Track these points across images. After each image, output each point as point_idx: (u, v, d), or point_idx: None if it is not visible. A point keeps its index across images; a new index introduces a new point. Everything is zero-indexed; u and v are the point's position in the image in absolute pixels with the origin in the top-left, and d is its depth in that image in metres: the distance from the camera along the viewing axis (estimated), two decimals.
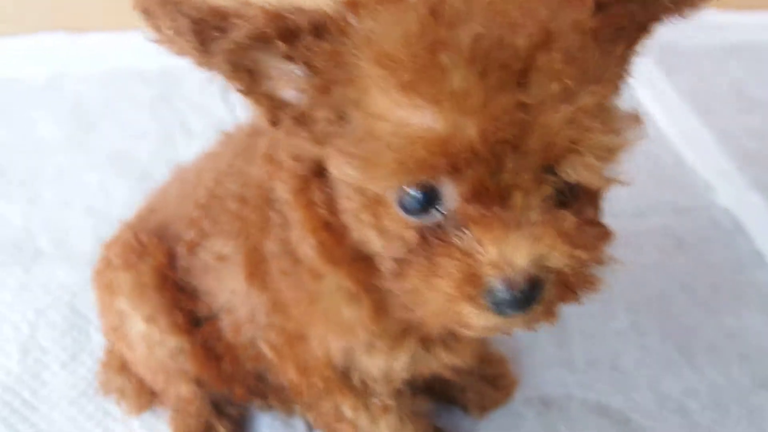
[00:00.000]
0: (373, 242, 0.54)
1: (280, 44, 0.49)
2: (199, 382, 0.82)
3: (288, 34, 0.49)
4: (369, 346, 0.66)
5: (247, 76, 0.51)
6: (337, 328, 0.65)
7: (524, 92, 0.45)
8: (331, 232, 0.58)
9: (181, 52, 0.49)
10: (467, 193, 0.48)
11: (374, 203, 0.52)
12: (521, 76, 0.45)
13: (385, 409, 0.76)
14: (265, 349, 0.75)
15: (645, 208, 1.23)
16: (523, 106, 0.45)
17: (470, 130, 0.45)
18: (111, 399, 0.90)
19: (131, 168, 0.88)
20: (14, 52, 1.40)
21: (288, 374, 0.74)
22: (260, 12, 0.48)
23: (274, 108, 0.53)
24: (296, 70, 0.51)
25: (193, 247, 0.77)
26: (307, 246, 0.61)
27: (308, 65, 0.50)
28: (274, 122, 0.54)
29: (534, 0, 0.48)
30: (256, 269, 0.70)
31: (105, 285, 0.80)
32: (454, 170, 0.47)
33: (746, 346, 1.04)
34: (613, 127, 0.47)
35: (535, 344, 1.02)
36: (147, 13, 0.47)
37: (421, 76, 0.45)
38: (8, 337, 0.98)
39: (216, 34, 0.47)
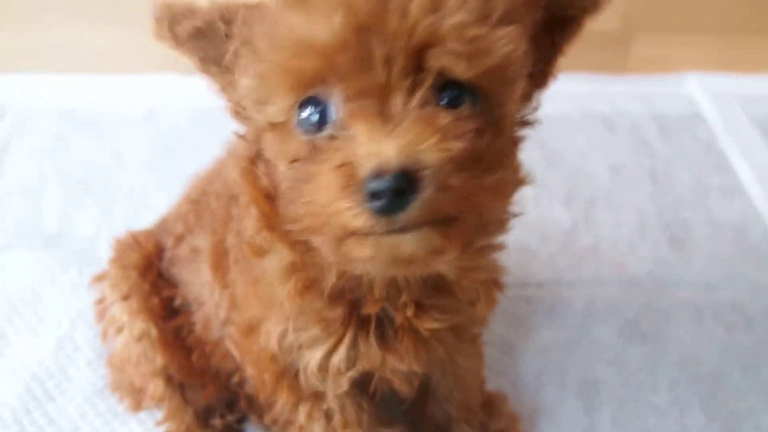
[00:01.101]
0: (282, 174, 0.56)
1: (221, 25, 0.59)
2: (169, 379, 0.84)
3: (227, 19, 0.59)
4: (302, 331, 0.66)
5: (214, 66, 0.62)
6: (271, 307, 0.66)
7: None
8: (271, 202, 0.60)
9: (159, 37, 0.61)
10: (349, 94, 0.50)
11: (281, 131, 0.55)
12: None
13: (346, 424, 0.74)
14: (229, 346, 0.77)
15: (717, 280, 1.14)
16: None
17: (337, 23, 0.48)
18: (115, 397, 0.93)
19: None
20: (125, 86, 1.53)
21: (248, 369, 0.75)
22: (210, 7, 0.61)
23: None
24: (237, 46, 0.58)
25: (179, 240, 0.83)
26: (249, 218, 0.63)
27: (244, 41, 0.57)
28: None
29: None
30: (219, 263, 0.74)
31: (96, 278, 0.86)
32: (336, 73, 0.49)
33: None
34: (482, 23, 0.49)
35: (559, 407, 0.96)
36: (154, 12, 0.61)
37: None
38: (50, 330, 1.04)
39: (181, 20, 0.60)
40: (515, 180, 0.61)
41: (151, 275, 0.85)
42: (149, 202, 1.24)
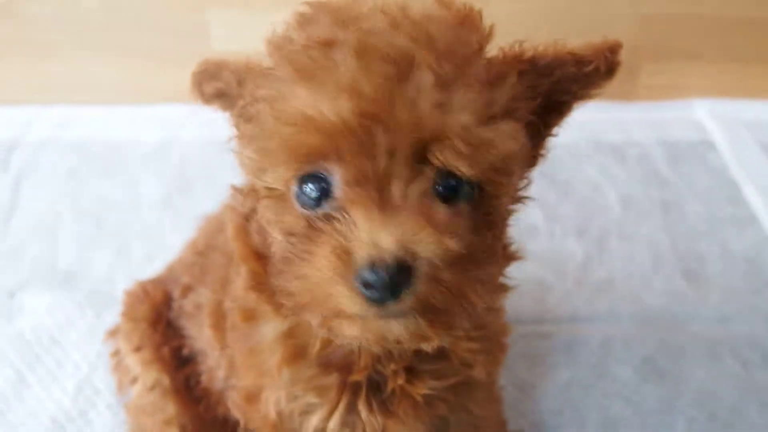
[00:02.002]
0: (277, 244, 0.56)
1: (235, 87, 0.63)
2: (183, 429, 0.84)
3: (240, 80, 0.62)
4: (297, 398, 0.66)
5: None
6: (263, 374, 0.67)
7: (401, 80, 0.49)
8: (262, 262, 0.61)
9: (192, 94, 0.67)
10: (349, 178, 0.51)
11: (279, 200, 0.56)
12: (402, 68, 0.49)
13: None
14: (233, 410, 0.77)
15: (732, 314, 1.14)
16: (394, 88, 0.49)
17: (344, 106, 0.48)
18: None
19: None
20: (137, 119, 1.54)
21: None
22: (230, 71, 0.64)
23: None
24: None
25: (185, 291, 0.84)
26: (239, 278, 0.64)
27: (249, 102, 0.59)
28: None
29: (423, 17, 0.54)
30: (219, 324, 0.74)
31: (109, 333, 0.86)
32: (338, 154, 0.50)
33: None
34: (487, 124, 0.50)
35: None
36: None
37: (314, 68, 0.51)
38: (69, 374, 1.05)
39: (208, 80, 0.66)
40: (504, 260, 0.64)
41: (161, 325, 0.86)
42: (164, 241, 1.24)
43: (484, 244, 0.54)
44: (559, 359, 1.07)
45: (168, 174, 1.41)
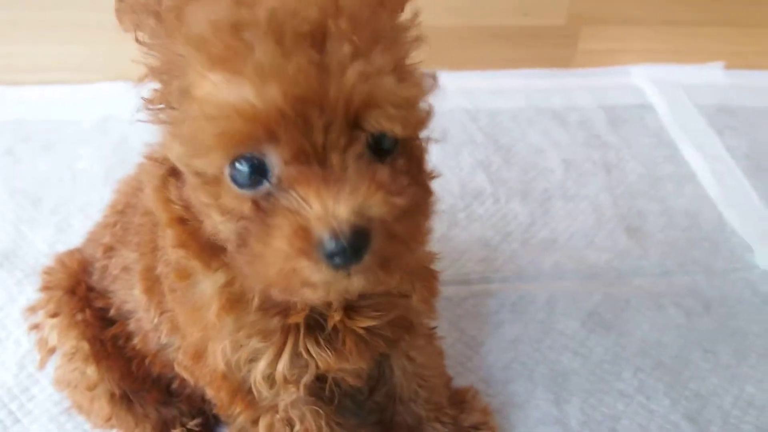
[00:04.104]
0: (217, 223, 0.56)
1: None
2: (111, 396, 0.83)
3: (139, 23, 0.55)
4: (242, 346, 0.66)
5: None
6: (207, 328, 0.66)
7: (319, 54, 0.48)
8: (185, 227, 0.61)
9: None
10: (288, 157, 0.51)
11: (212, 184, 0.54)
12: (316, 42, 0.49)
13: None
14: (180, 372, 0.77)
15: (674, 267, 1.17)
16: (318, 66, 0.48)
17: (274, 93, 0.48)
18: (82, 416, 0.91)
19: None
20: (74, 98, 1.51)
21: (207, 391, 0.75)
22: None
23: None
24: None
25: (107, 250, 0.81)
26: (166, 239, 0.64)
27: (152, 49, 0.55)
28: None
29: None
30: (153, 288, 0.73)
31: (28, 309, 0.84)
32: (272, 137, 0.50)
33: (766, 419, 0.95)
34: (406, 79, 0.51)
35: (529, 400, 0.97)
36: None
37: (227, 53, 0.49)
38: (10, 351, 1.02)
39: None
40: (430, 191, 0.63)
41: (80, 290, 0.83)
42: None
43: (419, 187, 0.56)
44: (507, 316, 1.08)
45: (108, 150, 1.38)
